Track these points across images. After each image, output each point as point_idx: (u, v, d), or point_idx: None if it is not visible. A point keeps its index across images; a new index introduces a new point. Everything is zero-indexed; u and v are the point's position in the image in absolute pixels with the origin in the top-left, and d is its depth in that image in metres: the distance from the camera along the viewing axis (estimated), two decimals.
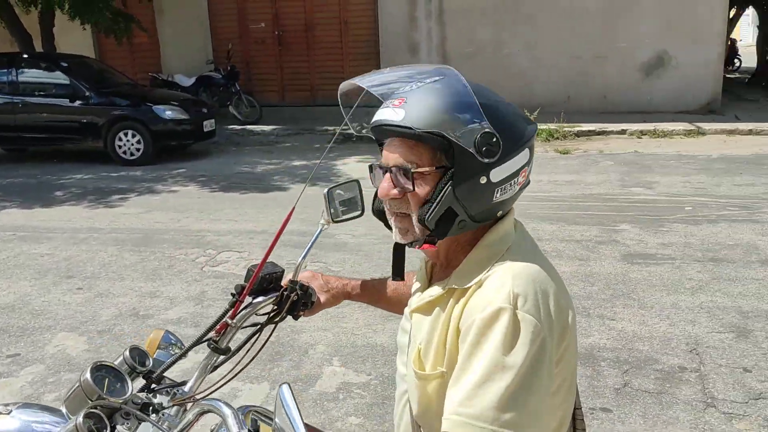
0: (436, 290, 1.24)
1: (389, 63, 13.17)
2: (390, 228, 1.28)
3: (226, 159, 10.26)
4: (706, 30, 11.93)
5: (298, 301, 1.47)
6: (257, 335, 1.40)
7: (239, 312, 1.39)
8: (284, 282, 1.49)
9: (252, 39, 14.07)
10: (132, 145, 9.90)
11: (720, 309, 4.18)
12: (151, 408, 1.26)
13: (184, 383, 1.36)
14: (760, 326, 3.94)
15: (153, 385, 1.33)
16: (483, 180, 1.15)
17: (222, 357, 1.38)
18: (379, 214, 1.30)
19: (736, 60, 23.11)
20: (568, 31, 12.34)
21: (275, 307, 1.46)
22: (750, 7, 19.23)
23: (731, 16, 16.65)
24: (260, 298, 1.45)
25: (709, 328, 3.94)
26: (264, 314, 1.46)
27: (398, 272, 1.41)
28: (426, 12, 12.91)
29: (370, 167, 1.27)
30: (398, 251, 1.39)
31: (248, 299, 1.42)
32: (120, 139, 9.91)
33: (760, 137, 10.32)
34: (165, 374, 1.37)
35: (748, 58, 22.50)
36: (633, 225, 5.95)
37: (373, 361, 3.72)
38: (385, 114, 1.17)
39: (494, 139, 1.13)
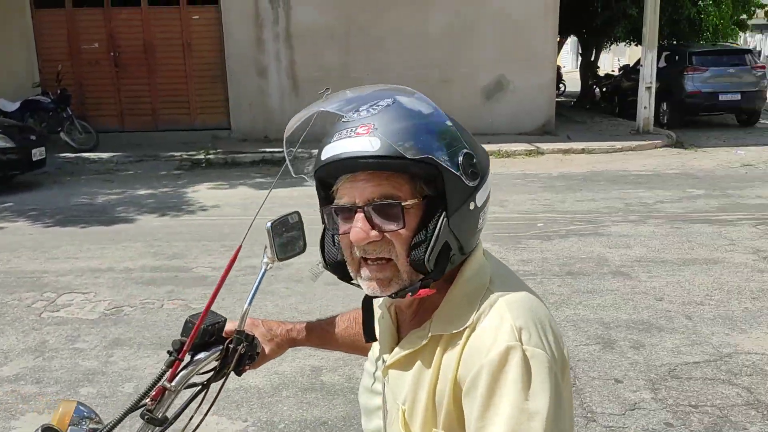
0: (413, 340, 1.08)
1: (237, 86, 12.84)
2: (350, 282, 1.10)
3: (60, 190, 9.37)
4: (539, 56, 12.77)
5: (245, 355, 1.27)
6: (203, 397, 1.21)
7: (178, 373, 1.18)
8: (226, 332, 1.27)
9: (84, 60, 13.07)
10: None
11: (584, 321, 4.34)
12: None
13: None
14: (622, 336, 4.13)
15: None
16: (471, 206, 1.03)
17: (158, 429, 1.17)
18: (337, 266, 1.12)
19: (561, 85, 25.06)
20: (416, 56, 12.69)
21: (217, 364, 1.25)
22: (571, 36, 20.94)
23: None
24: (202, 355, 1.22)
25: (576, 341, 4.07)
26: (204, 373, 1.24)
27: (371, 333, 1.20)
28: (273, 34, 12.71)
29: (325, 211, 1.08)
30: (369, 308, 1.19)
31: (187, 357, 1.21)
32: None
33: (592, 155, 11.17)
34: None
35: (571, 83, 24.52)
36: (493, 243, 6.10)
37: (249, 406, 3.44)
38: (352, 145, 0.99)
39: (474, 160, 1.02)
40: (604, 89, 18.52)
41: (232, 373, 1.27)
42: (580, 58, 21.93)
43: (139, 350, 4.11)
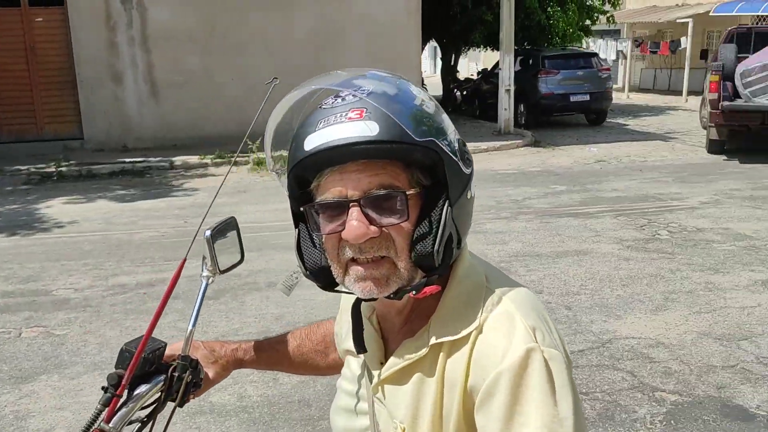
0: (410, 350, 0.97)
1: (89, 93, 11.99)
2: (334, 290, 1.00)
3: None
4: (404, 60, 12.95)
5: (190, 383, 1.12)
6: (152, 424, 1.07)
7: (116, 411, 1.02)
8: (165, 358, 1.12)
9: None
10: None
11: None
12: None
13: None
14: None
15: None
16: (469, 194, 0.96)
17: None
18: (319, 272, 0.99)
19: (424, 88, 25.67)
20: (282, 60, 12.44)
21: (160, 395, 1.09)
22: (431, 41, 21.53)
23: None
24: (143, 388, 1.07)
25: None
26: (145, 407, 1.09)
27: (361, 343, 1.03)
28: (128, 38, 11.99)
29: (307, 209, 0.95)
30: (359, 315, 1.04)
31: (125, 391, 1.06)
32: None
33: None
34: None
35: (432, 87, 25.23)
36: None
37: None
38: (346, 131, 0.88)
39: (465, 146, 0.96)
40: (464, 93, 19.17)
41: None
42: (440, 63, 22.59)
43: None
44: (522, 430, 0.86)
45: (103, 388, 1.04)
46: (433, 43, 22.81)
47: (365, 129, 0.88)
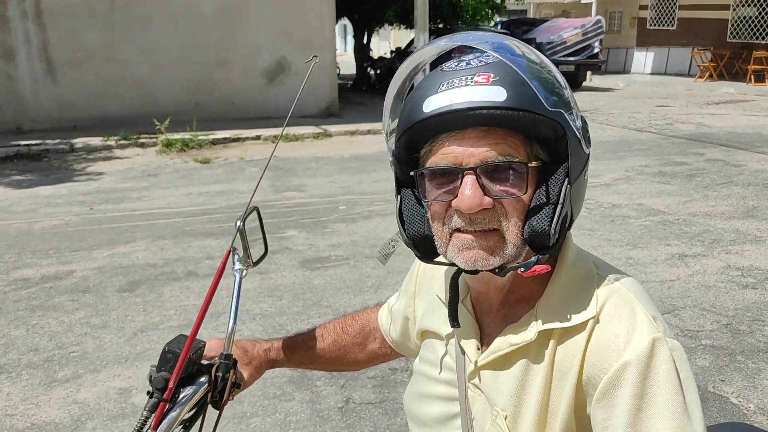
0: (514, 335, 0.93)
1: None
2: (432, 261, 0.97)
3: None
4: (317, 38, 12.67)
5: (234, 383, 1.06)
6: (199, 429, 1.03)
7: (164, 417, 0.97)
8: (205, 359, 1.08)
9: None
10: None
11: None
12: None
13: None
14: None
15: None
16: (586, 175, 0.93)
17: None
18: (420, 241, 0.95)
19: (336, 67, 25.40)
20: (188, 37, 11.91)
21: (205, 396, 1.04)
22: (342, 18, 21.24)
23: None
24: (188, 390, 1.01)
25: None
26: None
27: (456, 317, 1.00)
28: (20, 11, 11.09)
29: (417, 174, 0.91)
30: (457, 288, 0.99)
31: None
32: None
33: (378, 136, 11.36)
34: None
35: (344, 66, 24.95)
36: (299, 230, 5.86)
37: None
38: (472, 94, 0.83)
39: (587, 124, 0.92)
40: (378, 71, 19.04)
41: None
42: (351, 41, 22.34)
43: None
44: (652, 422, 0.82)
45: (148, 392, 0.99)
46: (343, 21, 22.51)
47: (493, 93, 0.83)
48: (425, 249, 0.95)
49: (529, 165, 0.86)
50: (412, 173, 0.92)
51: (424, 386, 1.08)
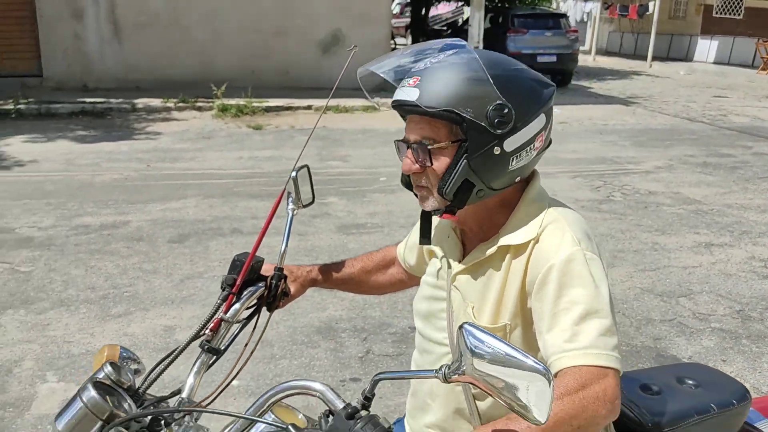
0: (483, 250, 1.29)
1: (49, 30, 11.66)
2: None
3: None
4: (373, 12, 12.85)
5: (284, 290, 1.44)
6: (253, 327, 1.38)
7: (231, 306, 1.33)
8: (262, 271, 1.43)
9: None
10: None
11: None
12: (163, 422, 1.13)
13: (174, 394, 1.22)
14: None
15: (144, 400, 1.19)
16: (497, 151, 1.20)
17: (214, 358, 1.28)
18: (406, 185, 1.33)
19: (393, 42, 25.47)
20: (248, 5, 12.24)
21: (257, 300, 1.40)
22: None
23: None
24: (251, 288, 1.38)
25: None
26: (249, 308, 1.39)
27: (426, 235, 1.40)
28: None
29: (396, 142, 1.30)
30: (427, 218, 1.39)
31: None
32: None
33: None
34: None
35: (401, 40, 25.02)
36: (339, 197, 6.16)
37: None
38: (402, 94, 1.21)
39: (506, 111, 1.18)
40: None
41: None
42: (410, 17, 22.37)
43: None
44: (565, 306, 1.14)
45: (221, 287, 1.33)
46: None
47: (411, 94, 1.18)
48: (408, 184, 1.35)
49: (432, 146, 1.21)
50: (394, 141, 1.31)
51: (425, 291, 1.43)
